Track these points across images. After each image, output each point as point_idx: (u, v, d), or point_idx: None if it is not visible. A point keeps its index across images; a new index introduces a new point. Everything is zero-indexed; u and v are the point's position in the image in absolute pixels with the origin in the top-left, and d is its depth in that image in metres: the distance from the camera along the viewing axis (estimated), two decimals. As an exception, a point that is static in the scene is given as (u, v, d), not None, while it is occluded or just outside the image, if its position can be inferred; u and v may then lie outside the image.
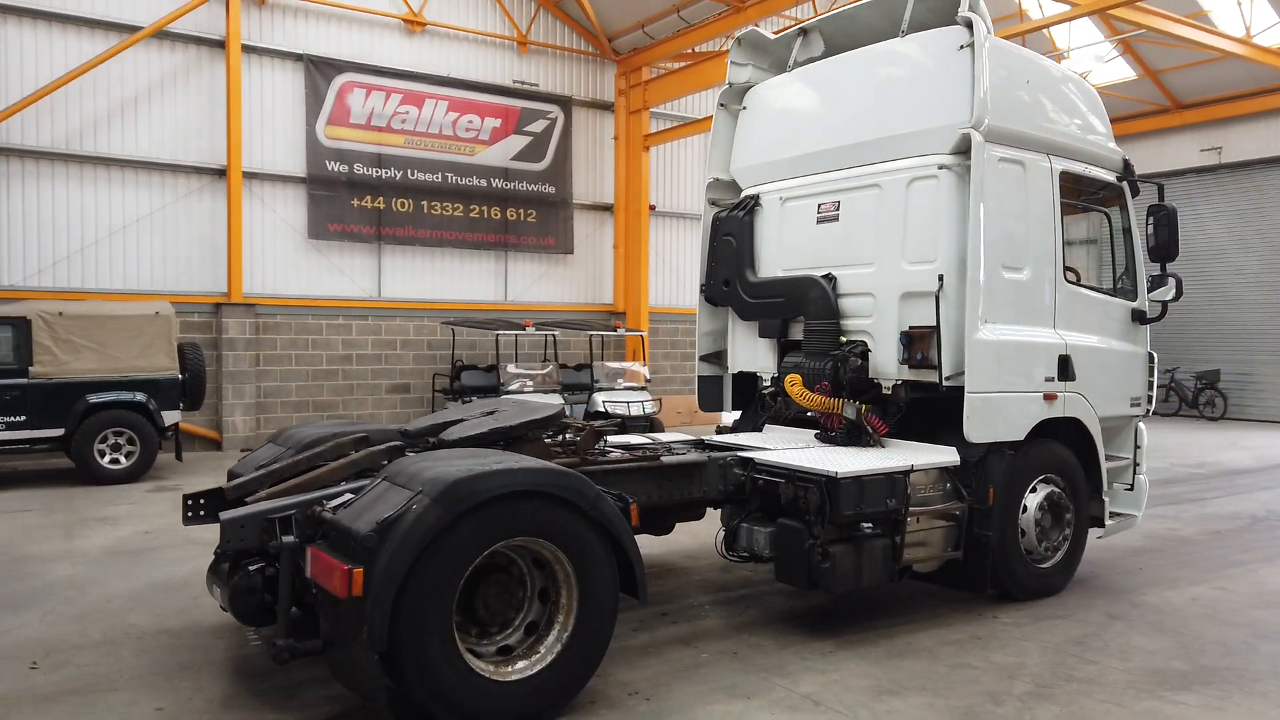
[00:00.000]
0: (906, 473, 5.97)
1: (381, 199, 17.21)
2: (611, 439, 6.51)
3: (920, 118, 6.63)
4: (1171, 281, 7.36)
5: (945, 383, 6.30)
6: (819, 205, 7.33)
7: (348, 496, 4.62)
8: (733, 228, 7.92)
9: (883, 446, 6.63)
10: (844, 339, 6.92)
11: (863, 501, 5.72)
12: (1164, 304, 7.41)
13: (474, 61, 18.32)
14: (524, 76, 18.91)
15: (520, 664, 4.50)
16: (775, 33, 8.34)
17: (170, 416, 12.21)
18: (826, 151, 7.30)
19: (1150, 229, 7.26)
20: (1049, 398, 6.67)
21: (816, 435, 6.98)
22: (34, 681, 5.03)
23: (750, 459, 6.20)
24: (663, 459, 5.91)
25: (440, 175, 17.79)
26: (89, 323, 11.83)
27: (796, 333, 7.34)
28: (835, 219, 7.21)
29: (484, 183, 18.28)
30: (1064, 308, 6.87)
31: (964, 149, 6.35)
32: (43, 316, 11.56)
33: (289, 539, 4.46)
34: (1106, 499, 7.12)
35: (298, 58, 16.41)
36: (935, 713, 4.71)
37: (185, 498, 5.30)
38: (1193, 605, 6.66)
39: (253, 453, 6.11)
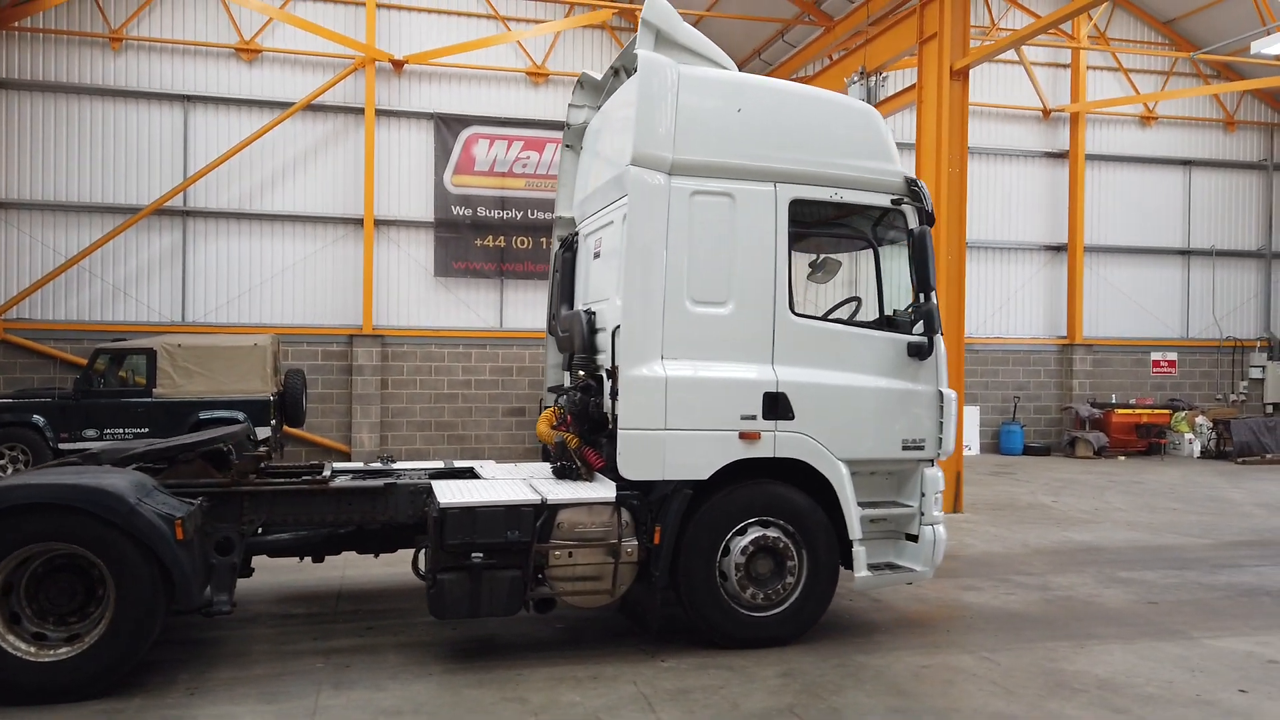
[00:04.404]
0: (537, 506, 6.06)
1: (503, 238, 18.80)
2: (339, 465, 7.23)
3: (628, 154, 6.64)
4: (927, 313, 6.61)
5: (626, 419, 6.28)
6: (595, 242, 7.50)
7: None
8: (558, 264, 8.27)
9: (590, 480, 6.68)
10: (581, 374, 7.05)
11: (474, 532, 5.91)
12: (928, 339, 6.66)
13: (596, 104, 19.41)
14: (648, 114, 19.63)
15: (62, 649, 5.38)
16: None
17: (262, 432, 14.35)
18: (599, 189, 7.46)
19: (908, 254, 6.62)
20: (748, 436, 6.35)
21: (552, 469, 7.14)
22: None
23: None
24: (332, 483, 6.50)
25: (559, 213, 19.00)
26: (201, 353, 14.37)
27: None
28: (599, 255, 7.35)
29: (602, 218, 19.23)
30: (790, 342, 6.48)
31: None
32: (165, 348, 14.26)
33: None
34: (861, 547, 6.53)
35: (429, 116, 18.51)
36: (390, 735, 4.94)
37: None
38: (911, 675, 5.96)
39: None
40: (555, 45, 19.20)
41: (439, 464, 7.76)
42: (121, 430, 13.95)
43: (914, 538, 6.77)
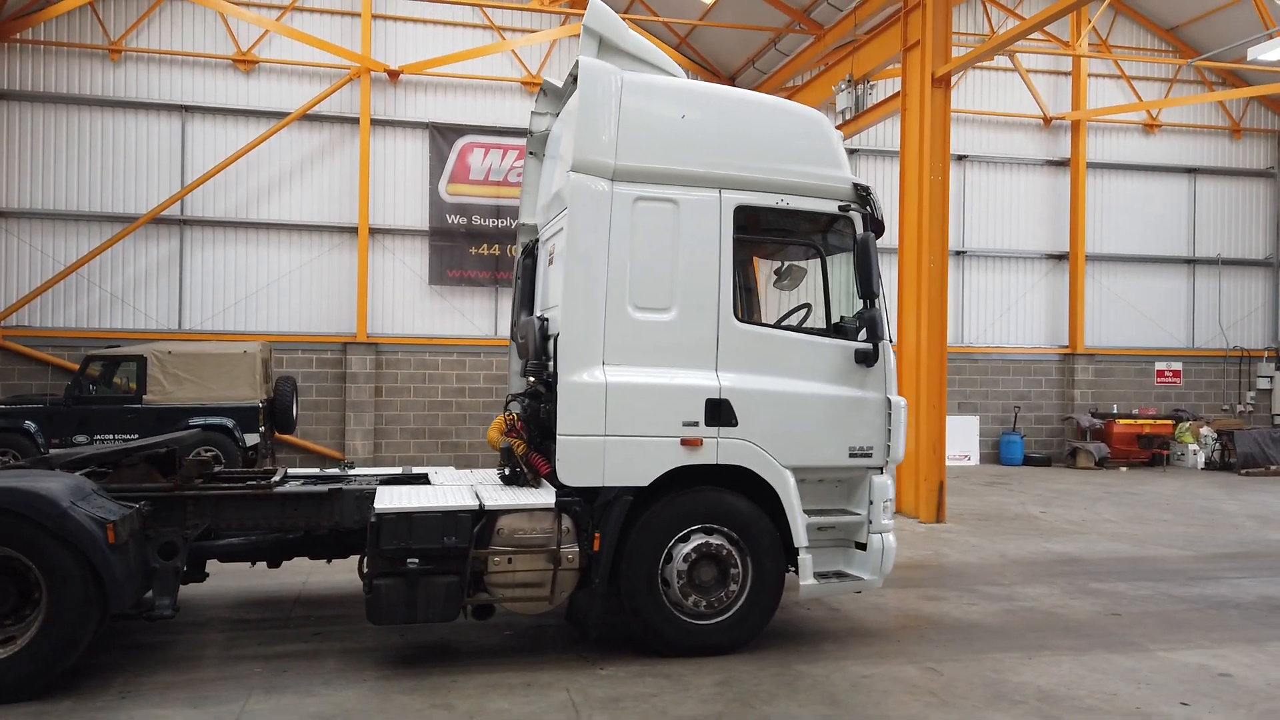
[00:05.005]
0: (475, 512, 6.05)
1: (498, 246, 18.85)
2: (294, 471, 7.25)
3: (569, 161, 6.65)
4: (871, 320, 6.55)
5: (571, 426, 6.27)
6: (551, 248, 7.51)
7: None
8: (520, 271, 8.30)
9: (537, 486, 6.67)
10: (531, 380, 7.05)
11: (410, 538, 5.91)
12: (873, 346, 6.60)
13: (591, 113, 19.47)
14: (643, 123, 19.68)
15: (-5, 651, 5.44)
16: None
17: (250, 438, 14.50)
18: (557, 195, 7.46)
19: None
20: (690, 443, 6.31)
21: (499, 475, 7.12)
22: None
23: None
24: (277, 489, 6.52)
25: (553, 221, 19.08)
26: (190, 360, 14.49)
27: None
28: (553, 261, 7.35)
29: (597, 226, 19.26)
30: (734, 349, 6.46)
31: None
32: (156, 355, 14.39)
33: None
34: (807, 555, 6.47)
35: (424, 126, 18.61)
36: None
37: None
38: (850, 685, 5.89)
39: None
40: (550, 54, 19.28)
41: (396, 470, 7.78)
42: (112, 436, 14.05)
43: (863, 546, 6.70)
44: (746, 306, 7.84)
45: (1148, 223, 22.30)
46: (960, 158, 21.13)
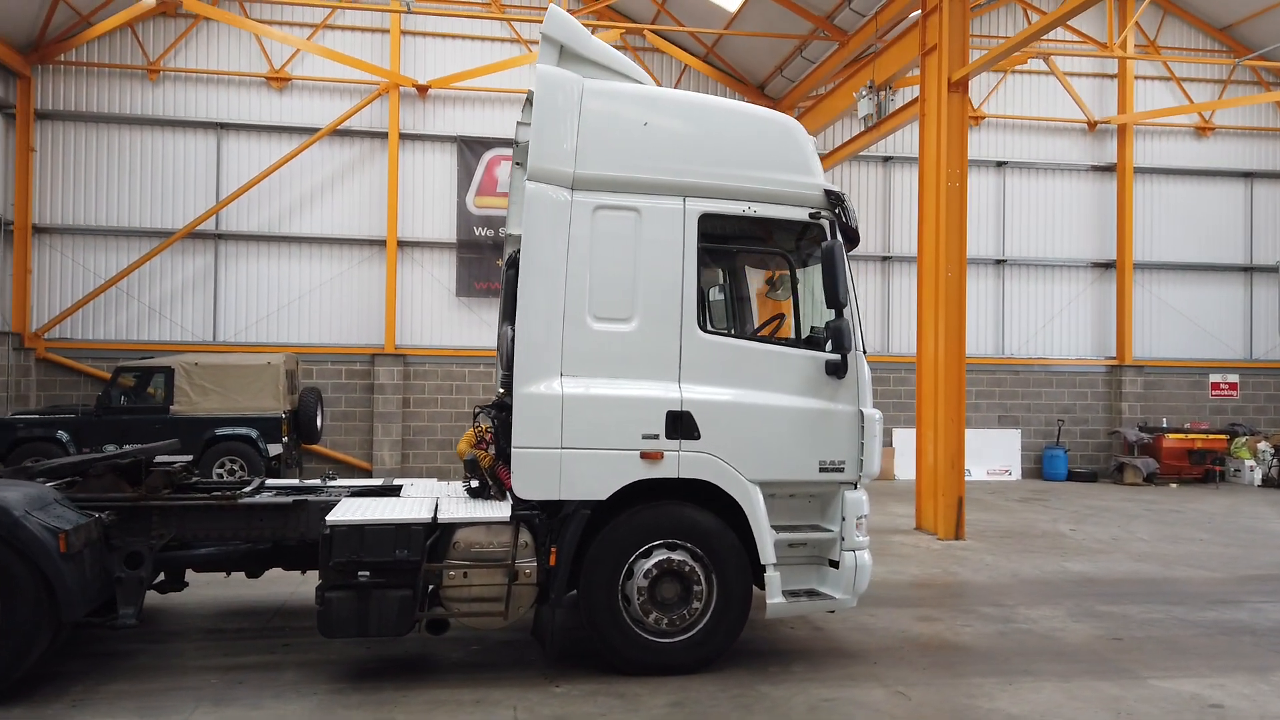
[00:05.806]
0: (427, 525, 5.97)
1: (525, 258, 18.85)
2: (273, 482, 7.28)
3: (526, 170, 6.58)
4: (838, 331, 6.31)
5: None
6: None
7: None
8: (504, 282, 8.23)
9: (502, 499, 6.58)
10: (501, 391, 6.98)
11: (362, 550, 5.86)
12: (843, 358, 6.36)
13: (619, 124, 19.43)
14: (672, 133, 19.58)
15: (-52, 658, 5.51)
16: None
17: (273, 448, 14.69)
18: (532, 205, 7.40)
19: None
20: (650, 456, 6.16)
21: (464, 488, 7.04)
22: None
23: (344, 505, 6.57)
24: (240, 500, 6.53)
25: (581, 233, 19.04)
26: (216, 371, 14.77)
27: None
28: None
29: (624, 237, 19.20)
30: (697, 360, 6.29)
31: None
32: (183, 367, 14.69)
33: None
34: (775, 572, 6.25)
35: (452, 139, 18.77)
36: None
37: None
38: (808, 708, 5.67)
39: None
40: (578, 67, 19.28)
41: (375, 481, 7.77)
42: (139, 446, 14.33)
43: (836, 564, 6.47)
44: (736, 316, 7.71)
45: (1201, 229, 21.46)
46: (1000, 164, 20.64)
